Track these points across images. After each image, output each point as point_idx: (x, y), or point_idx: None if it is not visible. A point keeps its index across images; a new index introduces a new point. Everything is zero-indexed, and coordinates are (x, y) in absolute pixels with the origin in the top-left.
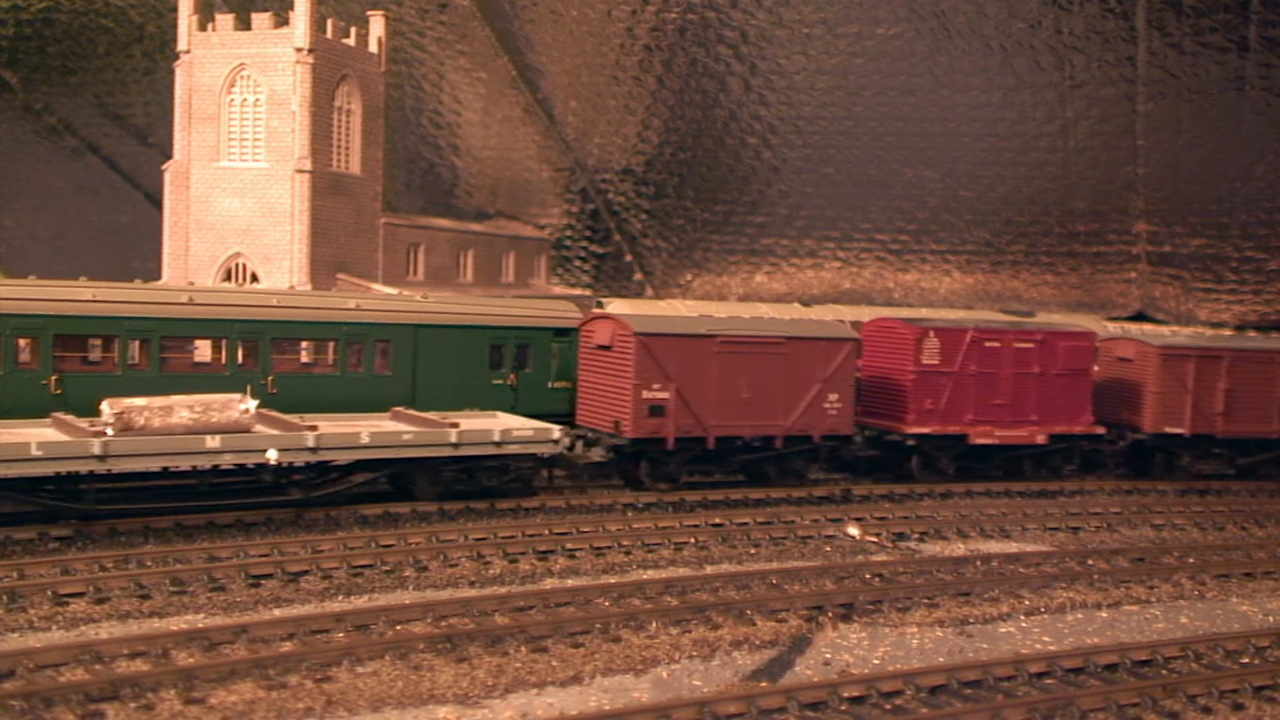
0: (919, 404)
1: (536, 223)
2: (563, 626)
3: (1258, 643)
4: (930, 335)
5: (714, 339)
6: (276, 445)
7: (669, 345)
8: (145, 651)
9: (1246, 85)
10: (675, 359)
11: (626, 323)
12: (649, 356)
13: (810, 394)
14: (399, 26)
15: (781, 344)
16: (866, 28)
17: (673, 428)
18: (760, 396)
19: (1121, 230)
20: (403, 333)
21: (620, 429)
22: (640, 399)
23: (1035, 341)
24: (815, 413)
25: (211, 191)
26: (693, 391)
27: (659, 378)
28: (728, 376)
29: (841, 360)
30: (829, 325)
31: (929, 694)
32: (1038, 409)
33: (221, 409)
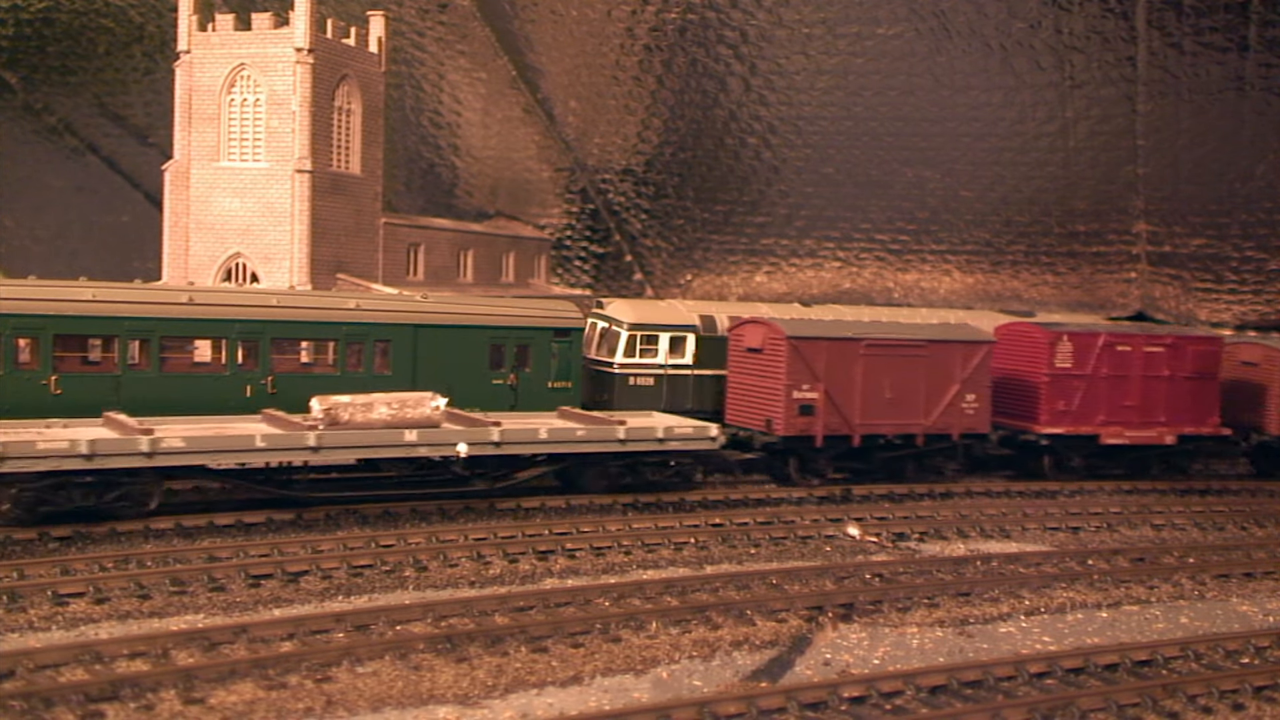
0: (1052, 405)
1: (536, 223)
2: (563, 626)
3: (1258, 643)
4: (1064, 339)
5: (860, 342)
6: (466, 439)
7: (818, 348)
8: (145, 651)
9: (1246, 85)
10: (824, 361)
11: (779, 327)
12: (799, 359)
13: (949, 394)
14: (399, 26)
15: (923, 346)
16: (866, 28)
17: (821, 426)
18: (902, 396)
19: (1121, 230)
20: (403, 333)
21: (772, 427)
22: (791, 399)
23: (1165, 345)
24: (954, 412)
25: (211, 191)
26: (840, 392)
27: (809, 379)
28: (872, 377)
29: (979, 362)
30: (967, 329)
31: (929, 694)
32: (1166, 411)
33: (415, 405)
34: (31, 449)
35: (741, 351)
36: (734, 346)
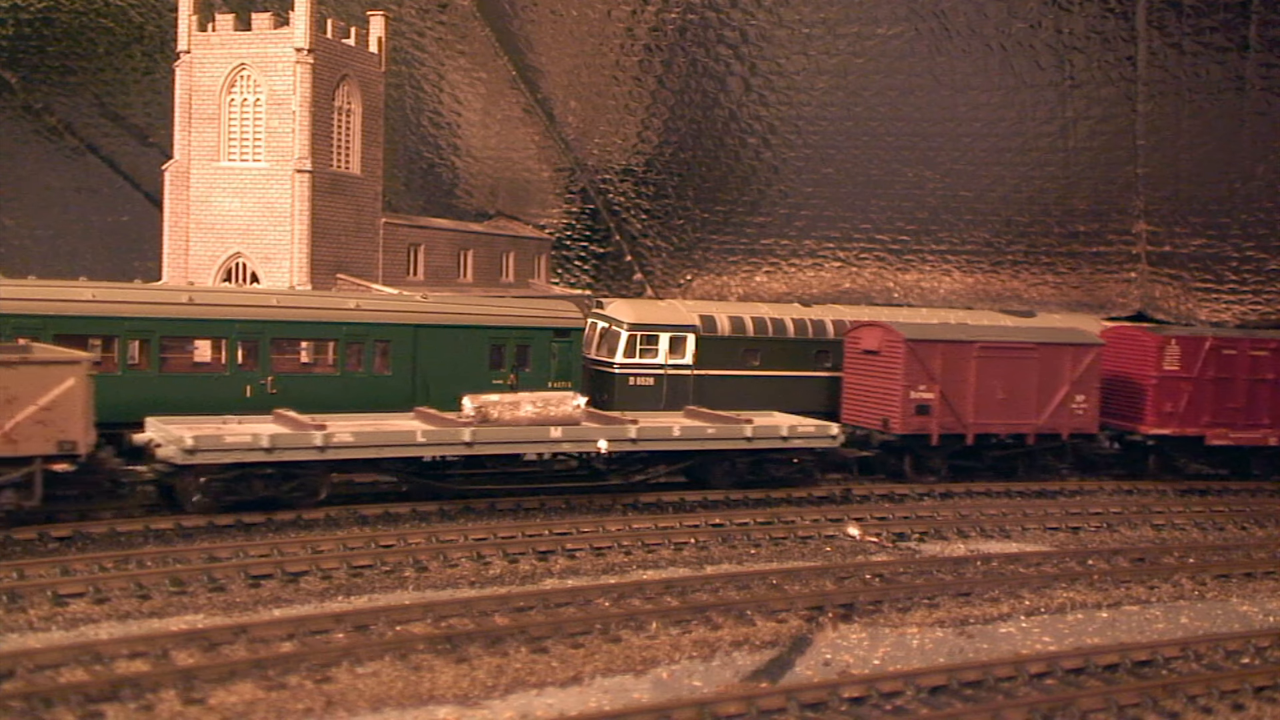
0: (1159, 407)
1: (536, 223)
2: (563, 627)
3: (1258, 643)
4: (1172, 343)
5: (974, 344)
6: (605, 436)
7: (934, 350)
8: (145, 652)
9: (1246, 85)
10: (939, 362)
11: (895, 330)
12: (916, 360)
13: (1060, 395)
14: (399, 26)
15: (1034, 349)
16: (866, 28)
17: (937, 425)
18: (1014, 397)
19: (1121, 230)
20: (403, 333)
21: (889, 426)
22: (908, 399)
23: (1270, 349)
24: (1064, 412)
25: (211, 191)
26: (954, 392)
27: (925, 379)
28: (985, 379)
29: (1088, 364)
30: (1077, 332)
31: (929, 694)
32: (1270, 413)
33: (558, 404)
34: (219, 443)
35: (858, 353)
36: (850, 349)
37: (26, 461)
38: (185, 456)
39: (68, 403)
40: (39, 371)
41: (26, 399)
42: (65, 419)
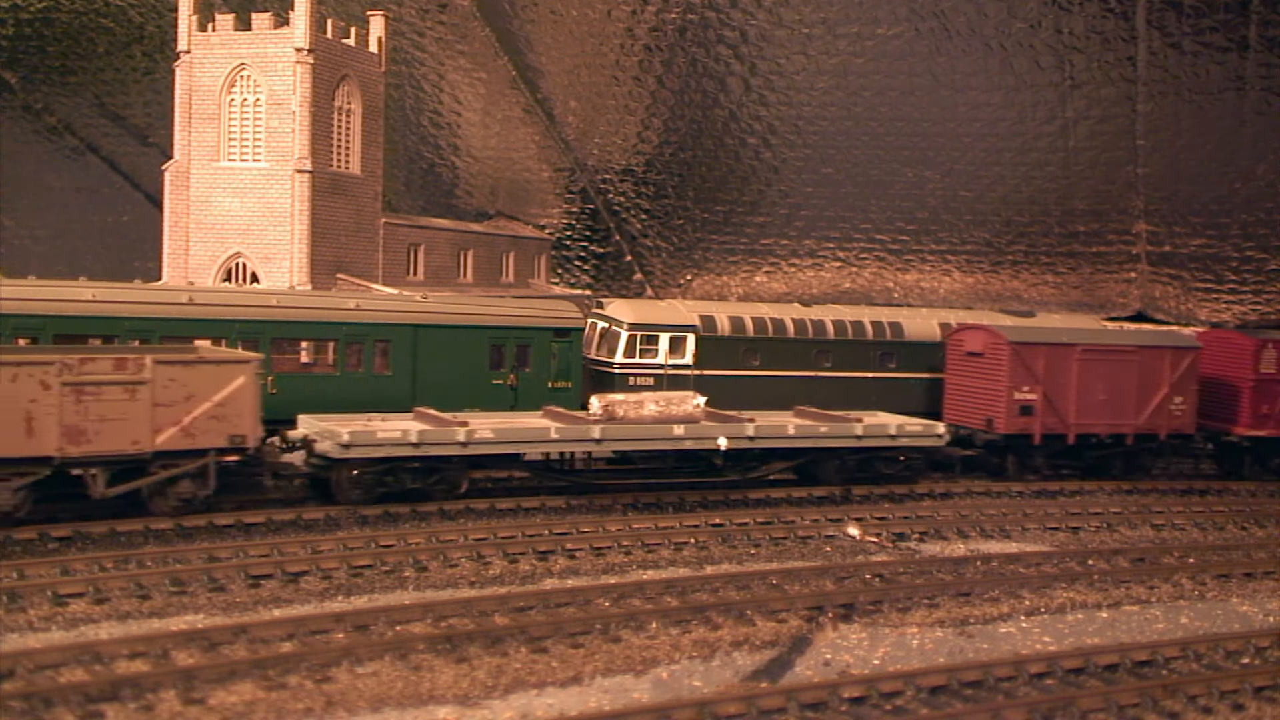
0: (1255, 409)
1: (536, 223)
2: (563, 627)
3: (1258, 643)
4: (1269, 346)
5: (1076, 347)
6: (725, 434)
7: (1037, 352)
8: (145, 652)
9: (1246, 85)
10: (1042, 364)
11: (999, 333)
12: (1020, 362)
13: (1158, 397)
14: (399, 26)
15: (1134, 352)
16: (866, 28)
17: (1040, 425)
18: (1114, 398)
19: (1121, 230)
20: (402, 333)
21: (993, 426)
22: (1012, 400)
23: None
24: (1162, 413)
25: (211, 191)
26: (1056, 393)
27: (1028, 381)
28: (1087, 380)
29: (1186, 367)
30: (1176, 335)
31: (929, 694)
32: None
33: (679, 403)
34: (372, 438)
35: (961, 355)
36: (953, 351)
37: (202, 453)
38: (341, 451)
39: (238, 399)
40: (214, 370)
41: (203, 396)
42: (236, 414)
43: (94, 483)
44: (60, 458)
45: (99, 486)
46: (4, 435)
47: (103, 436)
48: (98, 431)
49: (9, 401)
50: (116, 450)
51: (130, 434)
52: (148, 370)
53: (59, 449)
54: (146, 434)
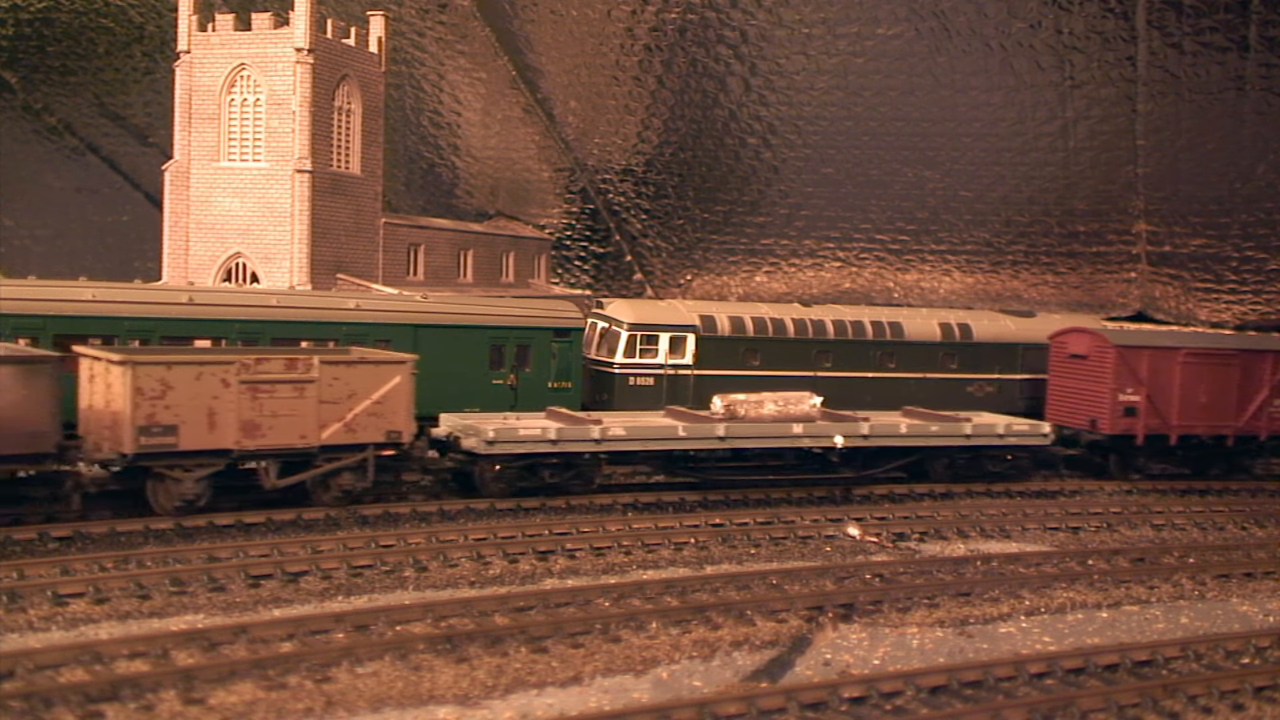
0: None
1: (536, 223)
2: (563, 627)
3: (1258, 643)
4: None
5: (1179, 351)
6: (841, 432)
7: (1141, 356)
8: (145, 652)
9: (1246, 85)
10: (1146, 367)
11: (1104, 336)
12: (1124, 365)
13: (1259, 399)
14: (399, 26)
15: (1236, 355)
16: (866, 28)
17: (1143, 426)
18: (1216, 401)
19: (1121, 230)
20: (402, 333)
21: (1097, 426)
22: (1116, 401)
23: None
24: (1262, 415)
25: (211, 191)
26: (1159, 395)
27: (1132, 383)
28: (1189, 383)
29: None
30: (1276, 340)
31: (929, 694)
32: None
33: (797, 403)
34: (514, 435)
35: (1064, 357)
36: (1056, 353)
37: (362, 448)
38: (486, 447)
39: (395, 397)
40: (373, 370)
41: (363, 394)
42: (393, 411)
43: (266, 474)
44: (238, 450)
45: (271, 478)
46: (189, 429)
47: (275, 431)
48: (270, 426)
49: (193, 398)
50: (286, 444)
51: (299, 429)
52: (315, 370)
53: (237, 442)
54: (313, 429)
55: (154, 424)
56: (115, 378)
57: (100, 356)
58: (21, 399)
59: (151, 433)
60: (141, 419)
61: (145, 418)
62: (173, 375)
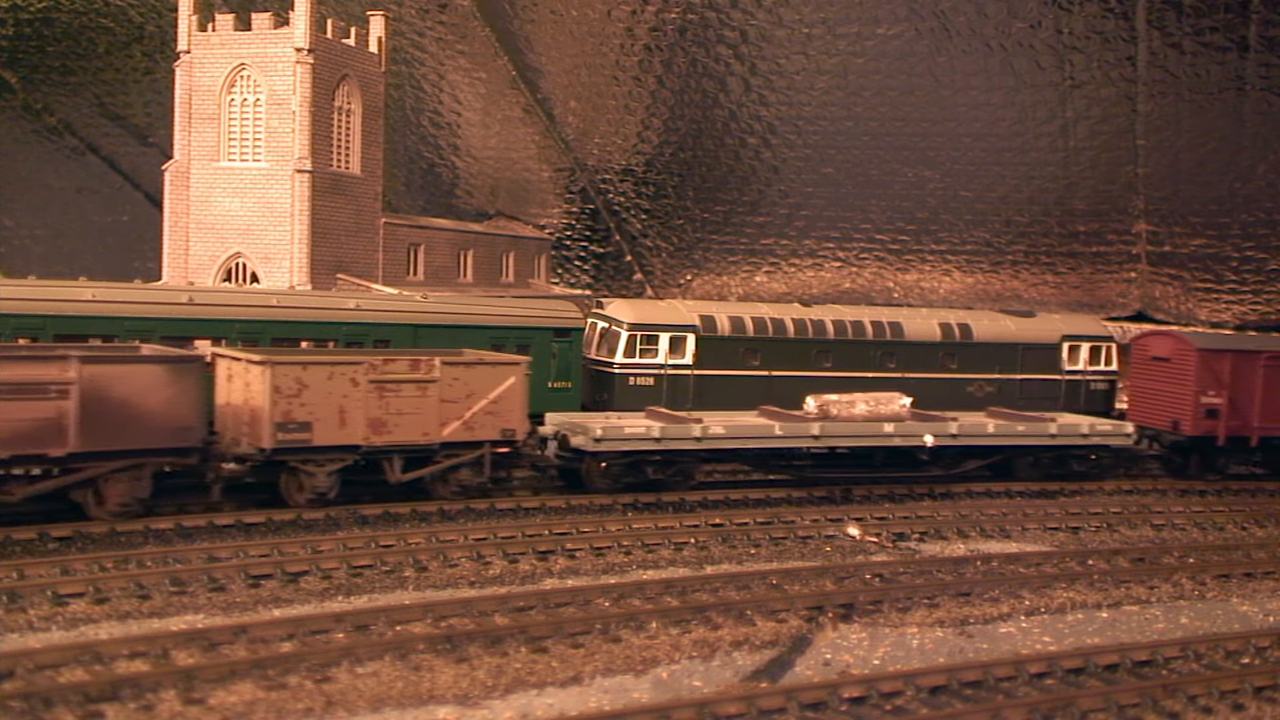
0: None
1: (536, 223)
2: (563, 627)
3: (1258, 643)
4: None
5: (1261, 355)
6: (931, 431)
7: (1223, 359)
8: (145, 652)
9: (1246, 85)
10: (1228, 370)
11: (1187, 339)
12: (1207, 368)
13: None
14: (399, 26)
15: None
16: (866, 28)
17: (1224, 428)
18: None
19: (1121, 230)
20: (402, 333)
21: (1179, 428)
22: (1199, 403)
23: None
24: None
25: (211, 191)
26: (1241, 398)
27: (1214, 386)
28: (1272, 386)
29: None
30: None
31: (929, 694)
32: None
33: (888, 403)
34: (620, 433)
35: (1146, 359)
36: (1137, 355)
37: (479, 445)
38: (594, 445)
39: (510, 397)
40: (490, 371)
41: (481, 394)
42: (508, 410)
43: (391, 468)
44: (366, 446)
45: (395, 472)
46: (322, 426)
47: (400, 428)
48: (395, 424)
49: (326, 396)
50: (410, 440)
51: (421, 426)
52: (437, 370)
53: (365, 438)
54: (435, 427)
55: (290, 421)
56: (255, 377)
57: (240, 357)
58: (171, 396)
59: (288, 429)
60: (279, 416)
61: (282, 415)
62: (308, 375)
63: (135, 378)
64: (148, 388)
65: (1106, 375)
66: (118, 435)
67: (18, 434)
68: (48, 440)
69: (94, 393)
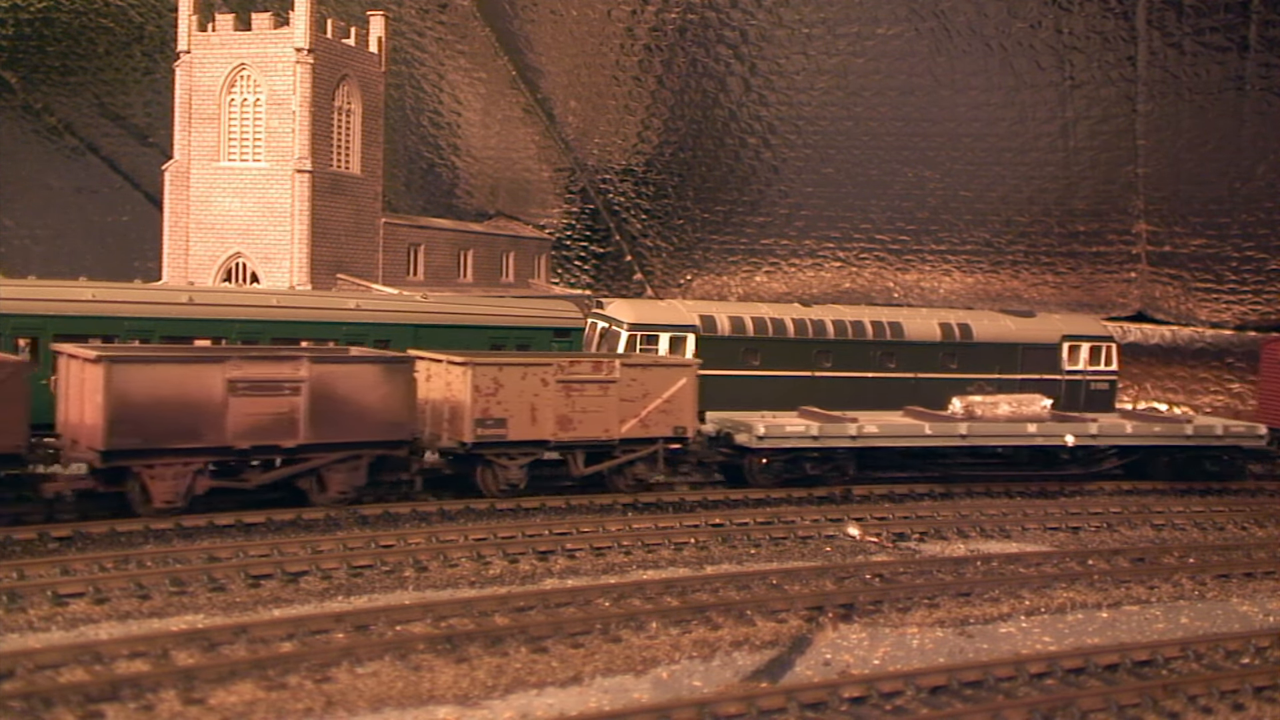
0: None
1: (536, 223)
2: (563, 627)
3: (1258, 643)
4: None
5: None
6: (1072, 432)
7: None
8: (145, 652)
9: (1246, 85)
10: None
11: None
12: None
13: None
14: (399, 26)
15: None
16: (866, 28)
17: None
18: None
19: (1121, 230)
20: (402, 333)
21: None
22: None
23: None
24: None
25: (211, 191)
26: None
27: None
28: None
29: None
30: None
31: (929, 694)
32: None
33: (1029, 404)
34: (781, 431)
35: (1275, 361)
36: (1267, 358)
37: (653, 441)
38: (757, 442)
39: (682, 397)
40: (664, 373)
41: (655, 394)
42: (679, 410)
43: (574, 463)
44: (554, 441)
45: (578, 465)
46: (516, 422)
47: (583, 425)
48: (580, 421)
49: (519, 395)
50: (592, 437)
51: (602, 424)
52: (617, 371)
53: (553, 434)
54: (614, 424)
55: (488, 417)
56: (456, 377)
57: (441, 358)
58: (386, 394)
59: (486, 425)
60: (478, 413)
61: (481, 412)
62: (503, 375)
63: (355, 376)
64: (366, 386)
65: (1106, 375)
66: (340, 429)
67: (257, 427)
68: (282, 433)
69: (321, 390)
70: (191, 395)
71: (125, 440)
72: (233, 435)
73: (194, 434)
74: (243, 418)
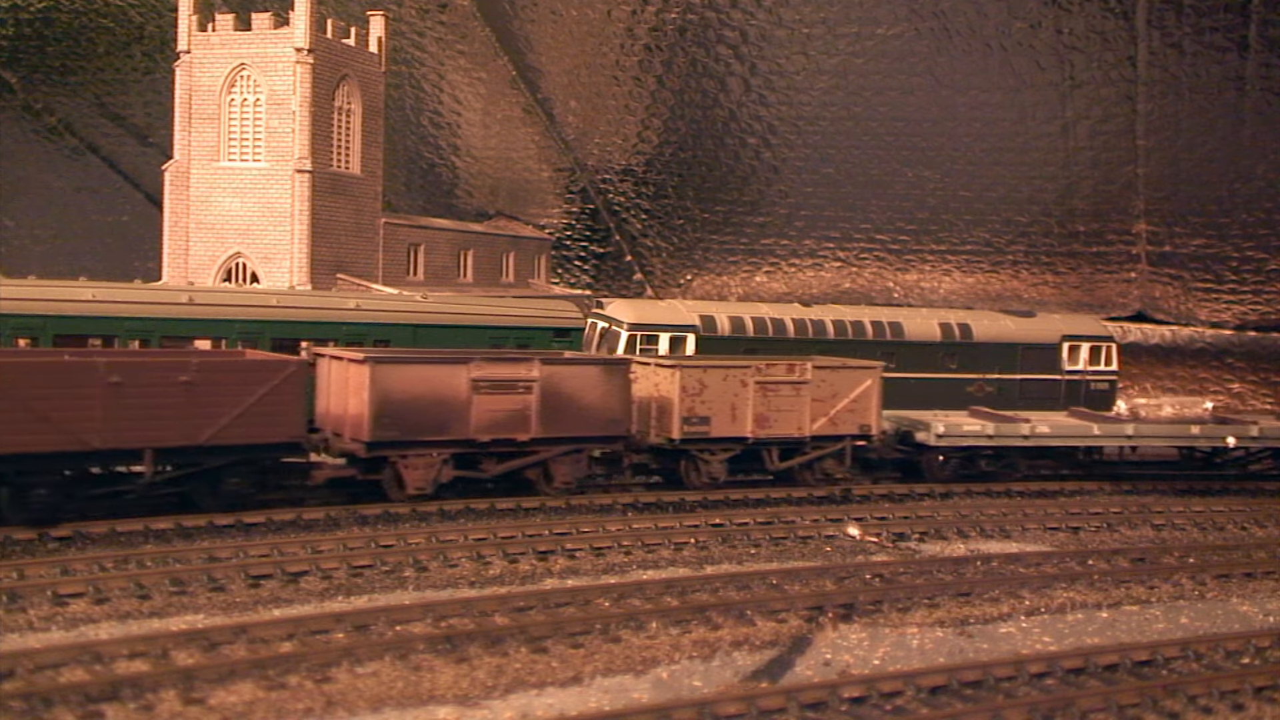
0: None
1: (536, 223)
2: (563, 627)
3: (1258, 643)
4: None
5: None
6: (1234, 434)
7: None
8: (145, 652)
9: (1246, 85)
10: None
11: None
12: None
13: None
14: (399, 26)
15: None
16: (866, 28)
17: None
18: None
19: (1121, 230)
20: (402, 333)
21: None
22: None
23: None
24: None
25: (211, 191)
26: None
27: None
28: None
29: None
30: None
31: (929, 694)
32: None
33: (1191, 406)
34: (959, 430)
35: None
36: None
37: (840, 439)
38: (936, 440)
39: (867, 397)
40: (852, 374)
41: (843, 394)
42: (865, 409)
43: (769, 458)
44: (752, 438)
45: (773, 461)
46: (718, 420)
47: (778, 423)
48: (775, 420)
49: (721, 395)
50: (786, 434)
51: (795, 422)
52: (809, 373)
53: (752, 431)
54: (805, 422)
55: (693, 415)
56: (664, 378)
57: (649, 361)
58: (605, 393)
59: (692, 423)
60: (685, 411)
61: (687, 410)
62: (707, 377)
63: (579, 376)
64: (588, 385)
65: (1107, 375)
66: (565, 424)
67: (496, 422)
68: (517, 427)
69: (550, 389)
70: (441, 393)
71: (386, 433)
72: (475, 429)
73: (443, 427)
74: (484, 413)
